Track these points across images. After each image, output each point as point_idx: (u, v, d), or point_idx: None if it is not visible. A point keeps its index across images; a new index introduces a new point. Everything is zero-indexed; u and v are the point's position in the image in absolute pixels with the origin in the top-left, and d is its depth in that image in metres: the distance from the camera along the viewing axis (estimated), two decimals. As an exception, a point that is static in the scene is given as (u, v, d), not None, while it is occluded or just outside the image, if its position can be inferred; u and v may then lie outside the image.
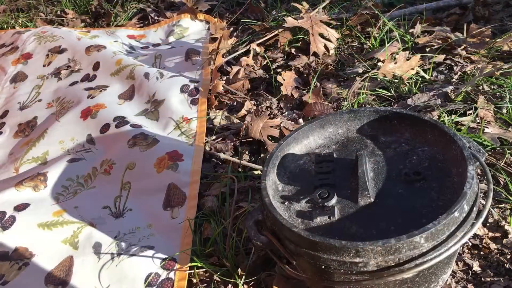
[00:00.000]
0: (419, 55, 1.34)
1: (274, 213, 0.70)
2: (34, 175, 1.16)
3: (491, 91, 1.21)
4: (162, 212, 1.05)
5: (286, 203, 0.76)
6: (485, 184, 0.97)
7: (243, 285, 0.85)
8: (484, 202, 0.91)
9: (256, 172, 1.11)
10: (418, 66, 1.34)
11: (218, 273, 0.88)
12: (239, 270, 0.88)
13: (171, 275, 0.90)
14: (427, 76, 1.32)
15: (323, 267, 0.65)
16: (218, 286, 0.88)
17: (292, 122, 1.25)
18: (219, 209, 1.02)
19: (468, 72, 1.29)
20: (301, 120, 1.27)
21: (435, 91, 1.25)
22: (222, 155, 1.17)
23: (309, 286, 0.81)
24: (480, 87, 1.23)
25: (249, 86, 1.45)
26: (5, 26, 2.07)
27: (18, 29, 1.95)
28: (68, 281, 0.92)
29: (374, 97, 1.29)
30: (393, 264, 0.62)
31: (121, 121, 1.29)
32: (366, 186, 0.73)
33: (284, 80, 1.38)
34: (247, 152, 1.19)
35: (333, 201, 0.73)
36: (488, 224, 0.89)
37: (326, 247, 0.63)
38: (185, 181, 1.10)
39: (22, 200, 1.09)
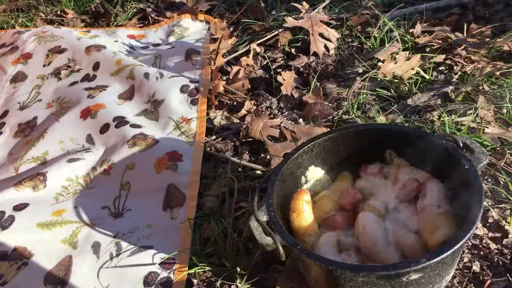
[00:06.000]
0: (419, 55, 1.34)
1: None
2: (33, 175, 1.16)
3: (491, 91, 1.21)
4: (162, 212, 1.05)
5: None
6: (486, 183, 0.97)
7: (243, 285, 0.85)
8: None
9: (257, 172, 1.11)
10: (418, 66, 1.33)
11: (219, 274, 0.88)
12: (238, 269, 0.88)
13: (170, 274, 0.90)
14: (427, 76, 1.32)
15: (330, 268, 0.65)
16: (219, 286, 0.88)
17: (292, 122, 1.24)
18: (219, 209, 1.02)
19: (468, 72, 1.29)
20: (301, 120, 1.26)
21: (435, 91, 1.24)
22: (223, 155, 1.17)
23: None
24: (480, 87, 1.23)
25: (249, 86, 1.44)
26: (5, 26, 2.07)
27: (18, 29, 1.95)
28: (67, 281, 0.92)
29: (374, 97, 1.28)
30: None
31: (120, 121, 1.29)
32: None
33: (284, 80, 1.38)
34: (247, 152, 1.19)
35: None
36: (488, 224, 0.89)
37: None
38: (185, 181, 1.09)
39: (21, 200, 1.09)
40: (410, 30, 1.49)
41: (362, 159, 0.90)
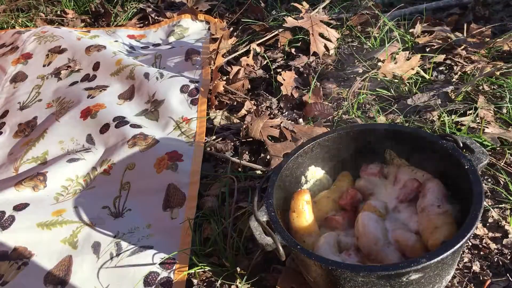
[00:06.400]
0: (419, 55, 1.34)
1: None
2: (33, 175, 1.16)
3: (491, 91, 1.21)
4: (162, 212, 1.05)
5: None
6: (486, 183, 0.97)
7: (243, 285, 0.85)
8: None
9: (257, 172, 1.11)
10: (418, 66, 1.33)
11: (219, 274, 0.88)
12: (238, 269, 0.88)
13: (171, 274, 0.90)
14: (427, 76, 1.32)
15: (330, 268, 0.65)
16: (219, 286, 0.88)
17: (292, 122, 1.24)
18: (219, 209, 1.02)
19: (468, 72, 1.29)
20: (301, 120, 1.26)
21: (435, 91, 1.24)
22: (223, 155, 1.17)
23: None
24: (480, 87, 1.23)
25: (249, 86, 1.44)
26: (5, 26, 2.07)
27: (18, 29, 1.95)
28: (68, 281, 0.92)
29: (374, 97, 1.28)
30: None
31: (121, 121, 1.29)
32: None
33: (284, 80, 1.38)
34: (247, 152, 1.19)
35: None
36: (488, 224, 0.89)
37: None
38: (185, 181, 1.09)
39: (21, 199, 1.09)
40: (410, 30, 1.49)
41: (362, 159, 0.90)
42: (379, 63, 1.39)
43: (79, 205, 1.08)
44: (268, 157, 1.13)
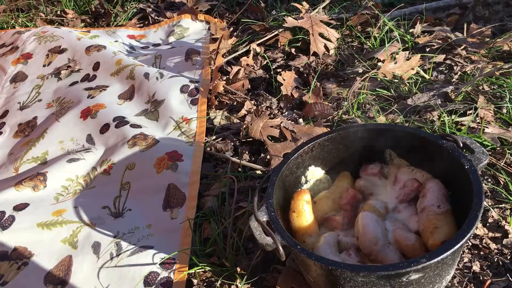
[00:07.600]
0: (419, 55, 1.34)
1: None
2: (33, 175, 1.16)
3: (491, 91, 1.21)
4: (162, 212, 1.05)
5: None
6: (486, 183, 0.97)
7: (243, 285, 0.85)
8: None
9: (257, 172, 1.11)
10: (418, 66, 1.33)
11: (219, 274, 0.88)
12: (238, 269, 0.88)
13: (171, 274, 0.90)
14: (427, 76, 1.32)
15: (330, 268, 0.65)
16: (219, 286, 0.88)
17: (292, 122, 1.24)
18: (219, 209, 1.02)
19: (468, 72, 1.29)
20: (301, 120, 1.26)
21: (435, 91, 1.24)
22: (223, 155, 1.17)
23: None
24: (480, 87, 1.23)
25: (249, 86, 1.44)
26: (5, 26, 2.07)
27: (18, 29, 1.95)
28: (68, 281, 0.92)
29: (374, 97, 1.28)
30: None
31: (121, 121, 1.29)
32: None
33: (284, 80, 1.38)
34: (247, 152, 1.19)
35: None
36: (488, 224, 0.89)
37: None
38: (185, 181, 1.09)
39: (21, 200, 1.09)
40: (410, 30, 1.49)
41: (362, 159, 0.90)
42: (379, 63, 1.39)
43: (79, 205, 1.08)
44: (268, 157, 1.13)
